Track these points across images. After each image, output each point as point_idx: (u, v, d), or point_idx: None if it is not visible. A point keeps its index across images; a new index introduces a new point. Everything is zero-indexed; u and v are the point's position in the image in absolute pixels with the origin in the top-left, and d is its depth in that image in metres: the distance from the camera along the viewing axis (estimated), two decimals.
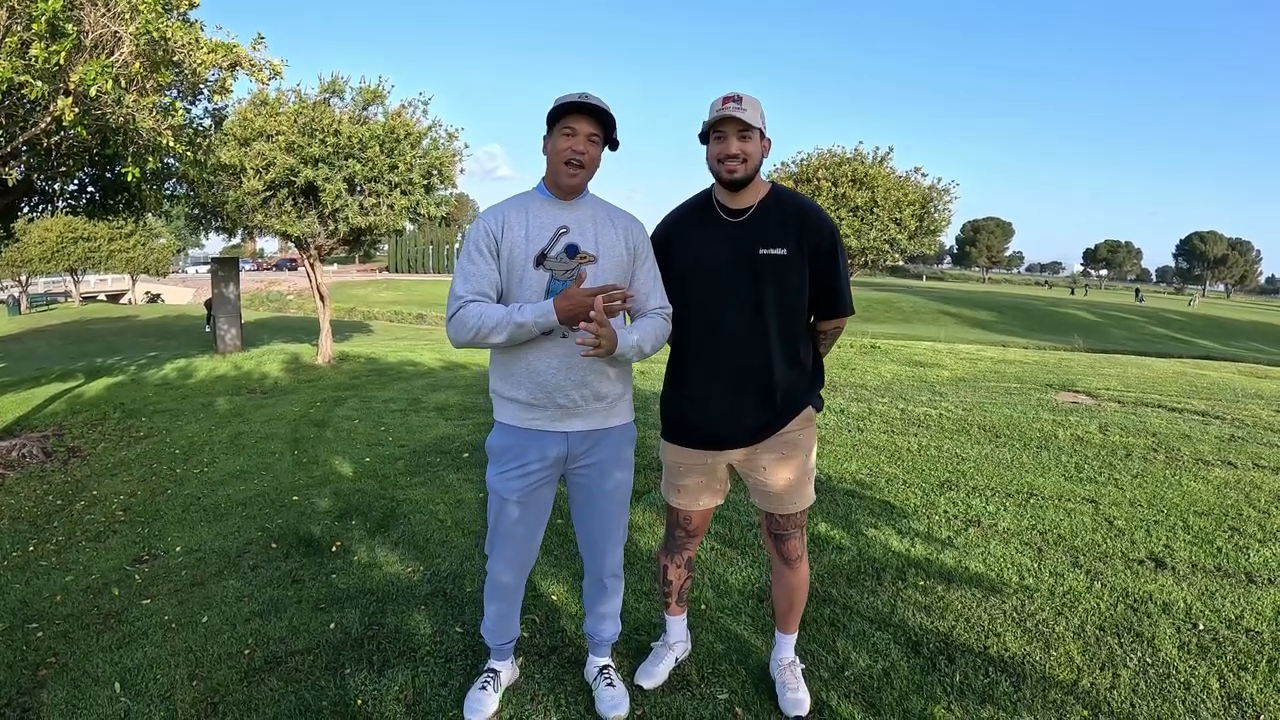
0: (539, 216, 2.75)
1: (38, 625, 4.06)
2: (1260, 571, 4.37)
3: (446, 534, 4.96)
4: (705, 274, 2.87)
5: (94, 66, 5.46)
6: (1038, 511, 5.30)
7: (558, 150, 2.69)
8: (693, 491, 3.13)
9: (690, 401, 2.99)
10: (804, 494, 3.05)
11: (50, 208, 8.77)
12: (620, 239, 2.80)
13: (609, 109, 2.69)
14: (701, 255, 2.89)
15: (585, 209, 2.80)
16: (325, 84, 12.57)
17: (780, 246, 2.81)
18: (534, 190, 2.84)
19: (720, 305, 2.86)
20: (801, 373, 2.97)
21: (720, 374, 2.89)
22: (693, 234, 2.94)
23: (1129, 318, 45.54)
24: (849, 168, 15.51)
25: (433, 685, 3.23)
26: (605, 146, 2.78)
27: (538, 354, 2.72)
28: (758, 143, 2.78)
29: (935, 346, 17.45)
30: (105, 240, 42.32)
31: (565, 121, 2.67)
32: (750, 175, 2.80)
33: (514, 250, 2.71)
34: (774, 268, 2.81)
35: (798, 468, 3.00)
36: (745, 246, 2.83)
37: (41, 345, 20.81)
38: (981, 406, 8.81)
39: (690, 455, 3.07)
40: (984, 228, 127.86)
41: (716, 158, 2.79)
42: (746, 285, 2.82)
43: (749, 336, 2.85)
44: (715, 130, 2.78)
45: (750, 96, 2.76)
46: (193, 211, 13.24)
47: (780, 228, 2.84)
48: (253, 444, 7.83)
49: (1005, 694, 3.21)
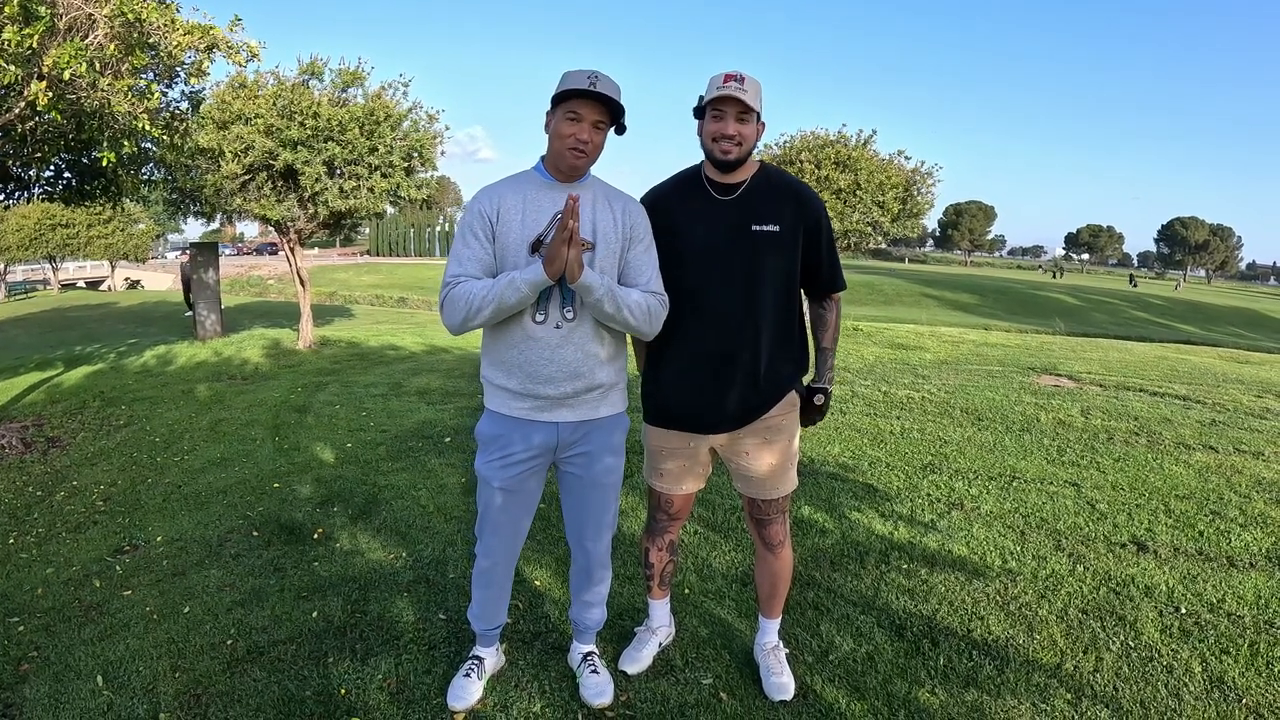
0: (536, 200, 2.67)
1: (19, 619, 4.01)
2: (1241, 555, 4.40)
3: (429, 520, 4.94)
4: (695, 251, 2.83)
5: (68, 50, 5.38)
6: (1020, 495, 5.33)
7: (561, 135, 2.58)
8: (675, 475, 3.11)
9: (673, 383, 2.96)
10: (786, 479, 3.04)
11: (26, 194, 8.64)
12: (616, 223, 2.71)
13: (618, 95, 2.57)
14: (691, 232, 2.84)
15: (585, 193, 2.69)
16: (304, 66, 12.40)
17: (773, 223, 2.78)
18: (532, 170, 2.76)
19: (709, 283, 2.81)
20: (788, 355, 2.94)
21: (705, 355, 2.86)
22: (681, 210, 2.88)
23: (1110, 301, 45.80)
24: (832, 150, 15.47)
25: (417, 673, 3.21)
26: (612, 129, 2.69)
27: (529, 343, 2.67)
28: (754, 126, 2.74)
29: (917, 329, 17.49)
30: (83, 227, 41.88)
31: (571, 105, 2.56)
32: (744, 157, 2.77)
33: (509, 234, 2.63)
34: (767, 244, 2.78)
35: (780, 453, 2.98)
36: (738, 224, 2.79)
37: (20, 334, 20.63)
38: (964, 389, 8.84)
39: (672, 439, 3.05)
40: (966, 211, 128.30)
41: (711, 136, 2.74)
42: (739, 263, 2.79)
43: (738, 316, 2.81)
44: (714, 108, 2.72)
45: (752, 78, 2.70)
46: (171, 196, 13.08)
47: (772, 205, 2.80)
48: (233, 431, 7.77)
49: (989, 677, 3.23)
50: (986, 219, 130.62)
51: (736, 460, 3.02)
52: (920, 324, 21.74)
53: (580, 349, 2.68)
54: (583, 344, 2.69)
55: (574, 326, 2.67)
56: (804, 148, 15.89)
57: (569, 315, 2.65)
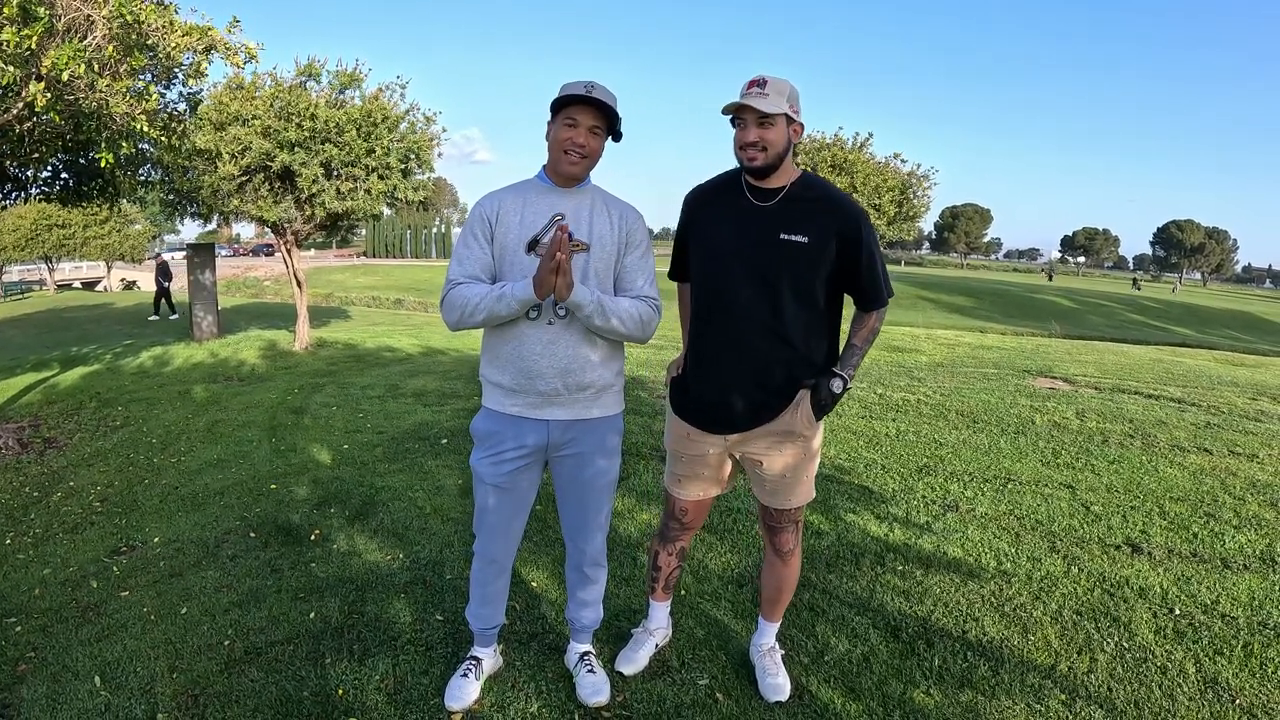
0: (535, 204, 2.76)
1: (16, 620, 4.02)
2: (1235, 557, 4.42)
3: (426, 521, 4.95)
4: (724, 253, 2.85)
5: (66, 51, 5.39)
6: (1015, 497, 5.35)
7: (559, 140, 2.68)
8: (692, 481, 3.12)
9: (694, 376, 2.99)
10: (800, 490, 3.02)
11: (23, 195, 8.65)
12: (613, 229, 2.79)
13: (613, 103, 2.67)
14: (722, 235, 2.87)
15: (584, 197, 2.79)
16: (301, 67, 12.41)
17: (801, 234, 2.76)
18: (534, 178, 2.84)
19: (734, 285, 2.83)
20: (807, 363, 2.90)
21: (726, 351, 2.88)
22: (716, 212, 2.91)
23: (1106, 304, 45.84)
24: (828, 153, 15.54)
25: (414, 673, 3.22)
26: (609, 137, 2.77)
27: (523, 339, 2.73)
28: (782, 129, 2.71)
29: (913, 332, 17.52)
30: (80, 227, 41.76)
31: (568, 112, 2.66)
32: (772, 162, 2.73)
33: (507, 235, 2.72)
34: (792, 254, 2.77)
35: (794, 459, 2.95)
36: (768, 230, 2.79)
37: (16, 334, 20.57)
38: (959, 392, 8.85)
39: (689, 444, 3.06)
40: (962, 214, 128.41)
41: (738, 145, 2.75)
42: (763, 269, 2.79)
43: (758, 319, 2.81)
44: (737, 116, 2.74)
45: (778, 80, 2.69)
46: (168, 197, 13.09)
47: (804, 215, 2.78)
48: (230, 432, 7.78)
49: (984, 678, 3.24)
50: (982, 222, 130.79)
51: (752, 465, 3.02)
52: (916, 326, 21.79)
53: (572, 347, 2.74)
54: (575, 342, 2.74)
55: (567, 324, 2.73)
56: (800, 151, 15.93)
57: (561, 313, 2.71)
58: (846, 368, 2.94)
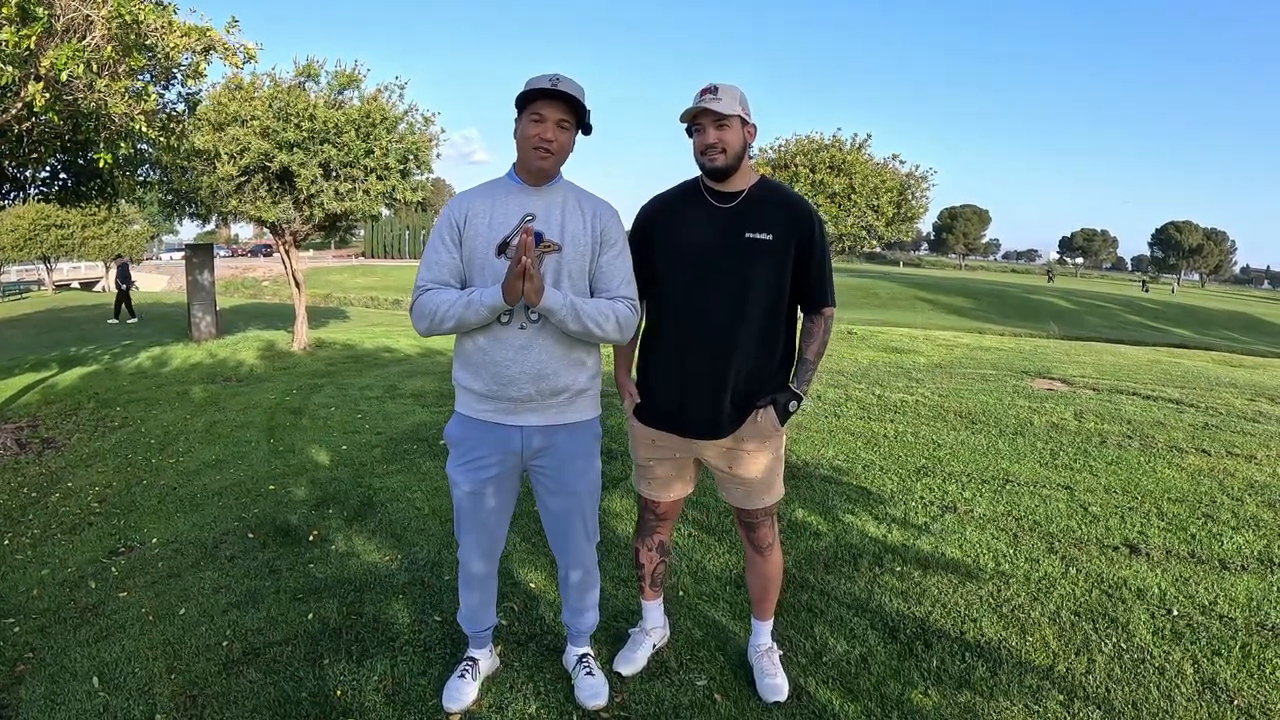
0: (505, 204, 2.70)
1: (14, 620, 4.02)
2: (1233, 558, 4.43)
3: (424, 522, 4.95)
4: (690, 256, 2.88)
5: (65, 51, 5.38)
6: (1013, 497, 5.35)
7: (526, 136, 2.63)
8: (662, 481, 3.16)
9: (658, 381, 3.00)
10: (770, 491, 3.06)
11: (22, 195, 8.64)
12: (586, 227, 2.72)
13: (580, 95, 2.62)
14: (688, 237, 2.90)
15: (555, 196, 2.73)
16: (300, 68, 12.41)
17: (766, 232, 2.83)
18: (505, 177, 2.80)
19: (701, 287, 2.86)
20: (769, 369, 2.95)
21: (691, 354, 2.90)
22: (680, 216, 2.95)
23: (1103, 305, 45.86)
24: (827, 154, 15.47)
25: (412, 674, 3.22)
26: (578, 131, 2.73)
27: (494, 344, 2.68)
28: (738, 130, 2.79)
29: (912, 333, 17.54)
30: (78, 227, 41.67)
31: (534, 107, 2.60)
32: (732, 163, 2.81)
33: (476, 238, 2.67)
34: (759, 251, 2.83)
35: (762, 464, 3.00)
36: (732, 230, 2.84)
37: (15, 334, 20.53)
38: (958, 393, 8.86)
39: (656, 449, 3.09)
40: (961, 215, 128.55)
41: (699, 149, 2.82)
42: (731, 268, 2.84)
43: (727, 320, 2.85)
44: (694, 123, 2.82)
45: (729, 86, 2.78)
46: (166, 198, 13.09)
47: (767, 213, 2.86)
48: (229, 433, 7.77)
49: (982, 679, 3.24)
50: (981, 223, 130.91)
51: (720, 469, 3.05)
52: (914, 327, 21.81)
53: (546, 351, 2.69)
54: (548, 346, 2.69)
55: (539, 328, 2.67)
56: (799, 151, 15.90)
57: (534, 317, 2.66)
58: (801, 384, 3.00)
